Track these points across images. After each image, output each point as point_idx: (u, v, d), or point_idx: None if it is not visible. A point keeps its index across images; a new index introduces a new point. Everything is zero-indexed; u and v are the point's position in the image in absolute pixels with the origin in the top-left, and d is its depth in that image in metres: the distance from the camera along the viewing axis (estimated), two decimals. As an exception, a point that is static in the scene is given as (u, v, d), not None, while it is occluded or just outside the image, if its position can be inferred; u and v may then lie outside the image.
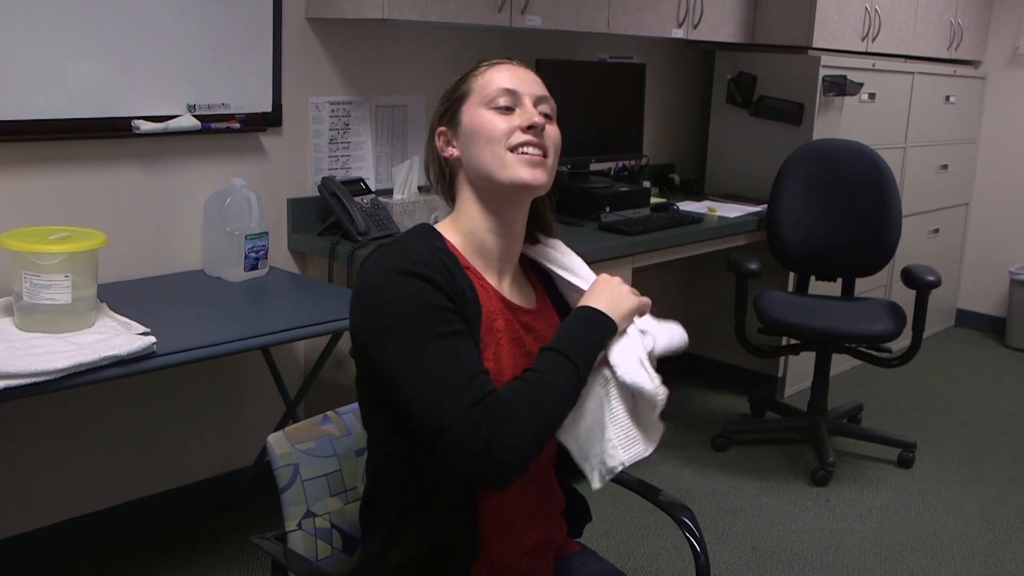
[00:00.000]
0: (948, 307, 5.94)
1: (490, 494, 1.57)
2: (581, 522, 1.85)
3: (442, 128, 1.65)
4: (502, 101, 1.59)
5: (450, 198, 1.68)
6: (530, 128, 1.58)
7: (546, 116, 1.62)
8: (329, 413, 1.85)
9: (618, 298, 1.61)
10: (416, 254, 1.50)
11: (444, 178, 1.68)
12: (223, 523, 3.17)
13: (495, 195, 1.60)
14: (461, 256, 1.60)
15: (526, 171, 1.57)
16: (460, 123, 1.62)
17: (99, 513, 3.00)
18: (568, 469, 1.71)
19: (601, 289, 1.62)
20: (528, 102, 1.61)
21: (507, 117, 1.59)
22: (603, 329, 1.57)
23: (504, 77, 1.61)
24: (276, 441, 1.75)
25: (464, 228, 1.63)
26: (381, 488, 1.62)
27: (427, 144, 1.70)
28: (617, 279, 1.65)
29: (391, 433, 1.57)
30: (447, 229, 1.64)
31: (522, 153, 1.57)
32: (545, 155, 1.60)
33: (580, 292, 1.67)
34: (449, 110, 1.64)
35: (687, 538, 1.81)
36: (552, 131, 1.62)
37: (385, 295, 1.47)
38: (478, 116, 1.60)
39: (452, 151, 1.64)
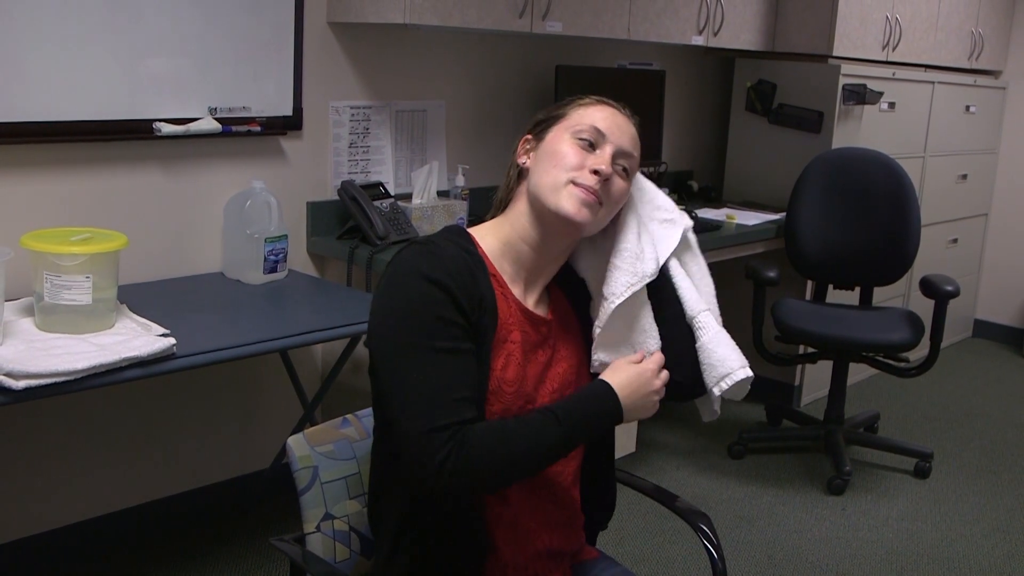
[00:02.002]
0: (966, 317, 5.92)
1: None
2: (596, 526, 1.85)
3: (529, 137, 1.68)
4: (587, 136, 1.60)
5: (503, 204, 1.69)
6: (595, 172, 1.58)
7: (623, 171, 1.63)
8: (348, 416, 1.86)
9: (637, 382, 1.61)
10: (445, 259, 1.51)
11: (508, 183, 1.70)
12: (241, 525, 3.18)
13: (543, 216, 1.60)
14: (489, 262, 1.60)
15: (573, 205, 1.57)
16: (544, 139, 1.65)
17: (117, 514, 3.02)
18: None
19: (622, 368, 1.63)
20: (609, 150, 1.60)
21: (583, 153, 1.60)
22: (610, 409, 1.58)
23: (602, 117, 1.63)
24: (296, 443, 1.76)
25: (504, 235, 1.64)
26: (386, 484, 1.63)
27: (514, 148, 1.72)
28: (642, 365, 1.64)
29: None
30: (483, 234, 1.65)
31: (575, 186, 1.58)
32: (600, 202, 1.59)
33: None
34: (541, 124, 1.67)
35: (704, 545, 1.81)
36: (619, 186, 1.62)
37: (399, 293, 1.49)
38: (559, 140, 1.62)
39: (526, 160, 1.66)
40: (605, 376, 1.61)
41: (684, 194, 4.54)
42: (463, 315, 1.48)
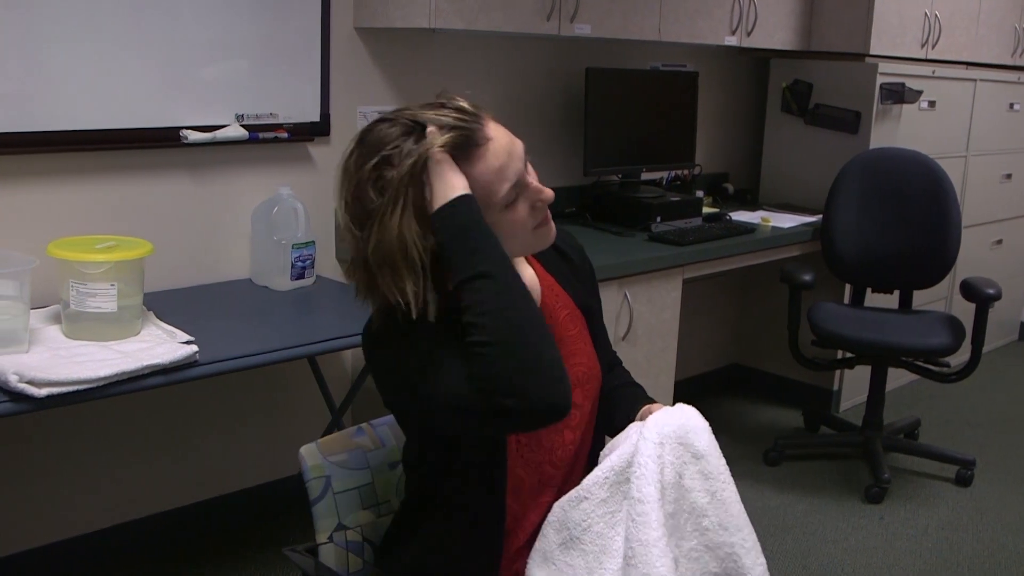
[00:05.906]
0: (1012, 320, 5.79)
1: (516, 501, 1.57)
2: None
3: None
4: (516, 190, 1.46)
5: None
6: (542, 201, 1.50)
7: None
8: (363, 425, 1.84)
9: None
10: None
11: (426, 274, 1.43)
12: (266, 532, 3.19)
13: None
14: None
15: (552, 236, 1.55)
16: None
17: (141, 520, 3.03)
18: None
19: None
20: (529, 168, 1.49)
21: (521, 198, 1.48)
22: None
23: (509, 157, 1.44)
24: (308, 453, 1.75)
25: None
26: (416, 513, 1.62)
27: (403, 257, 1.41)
28: None
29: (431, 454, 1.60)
30: None
31: (542, 224, 1.52)
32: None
33: None
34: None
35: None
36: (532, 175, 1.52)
37: (386, 351, 1.55)
38: (505, 220, 1.46)
39: None
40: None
41: (719, 197, 4.49)
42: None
